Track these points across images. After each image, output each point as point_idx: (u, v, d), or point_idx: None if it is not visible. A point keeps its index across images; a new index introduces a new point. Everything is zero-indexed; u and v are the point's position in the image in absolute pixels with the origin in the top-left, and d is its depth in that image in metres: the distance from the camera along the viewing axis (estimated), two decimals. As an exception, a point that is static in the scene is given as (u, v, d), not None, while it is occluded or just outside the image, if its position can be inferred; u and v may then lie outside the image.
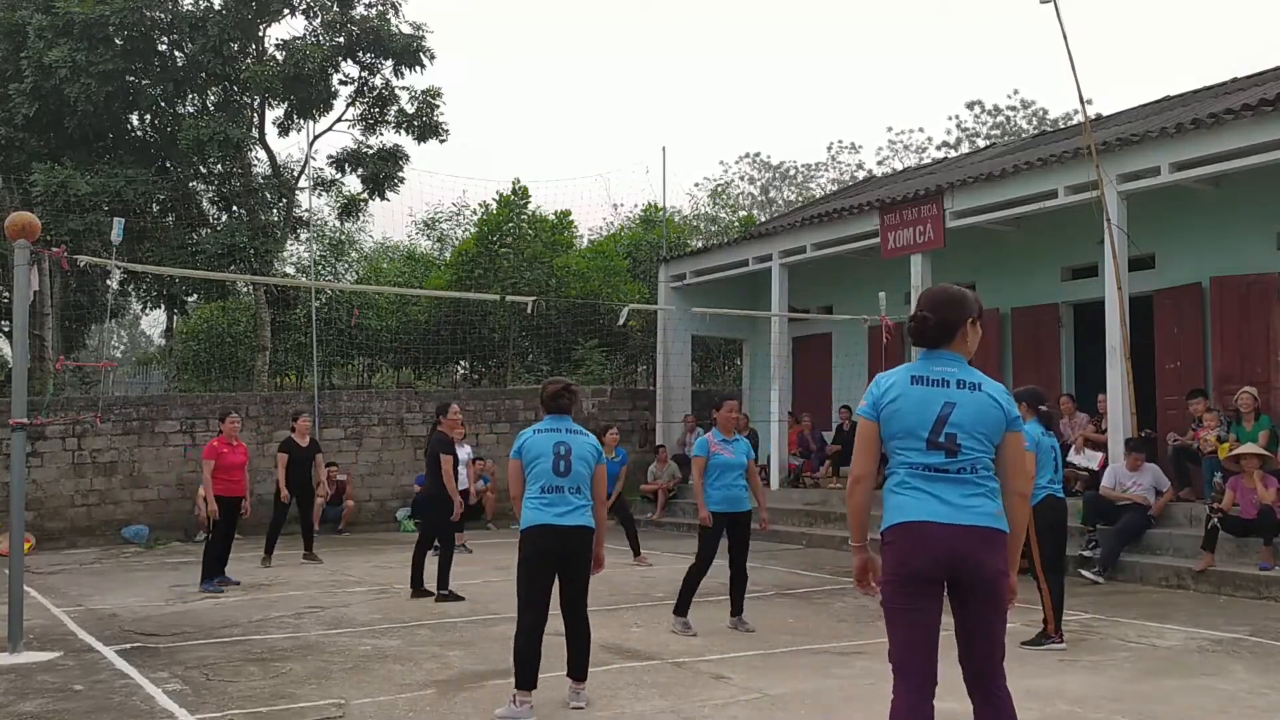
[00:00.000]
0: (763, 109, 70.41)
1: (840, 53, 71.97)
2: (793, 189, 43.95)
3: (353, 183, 21.89)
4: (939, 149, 40.63)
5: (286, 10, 19.82)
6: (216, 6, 19.46)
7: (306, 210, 22.69)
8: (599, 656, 6.75)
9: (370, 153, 20.81)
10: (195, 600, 10.14)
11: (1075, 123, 22.85)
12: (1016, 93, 50.02)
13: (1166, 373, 13.21)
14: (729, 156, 69.93)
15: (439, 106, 20.57)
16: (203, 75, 19.95)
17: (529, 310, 16.47)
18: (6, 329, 21.62)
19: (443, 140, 20.81)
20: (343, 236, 29.91)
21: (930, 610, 3.66)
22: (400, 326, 21.81)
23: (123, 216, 11.17)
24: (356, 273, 29.79)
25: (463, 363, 24.12)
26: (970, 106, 41.93)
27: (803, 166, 45.15)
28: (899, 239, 15.15)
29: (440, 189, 47.92)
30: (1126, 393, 12.14)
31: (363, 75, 20.45)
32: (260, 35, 20.02)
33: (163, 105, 20.51)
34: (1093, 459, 12.34)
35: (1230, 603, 9.34)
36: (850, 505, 3.90)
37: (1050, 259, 14.94)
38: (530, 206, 23.58)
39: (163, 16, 18.88)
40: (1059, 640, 7.42)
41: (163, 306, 24.04)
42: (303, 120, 20.21)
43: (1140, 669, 6.78)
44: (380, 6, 20.20)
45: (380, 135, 20.97)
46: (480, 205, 25.25)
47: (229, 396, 17.89)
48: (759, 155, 48.27)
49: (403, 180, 20.91)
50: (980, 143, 38.18)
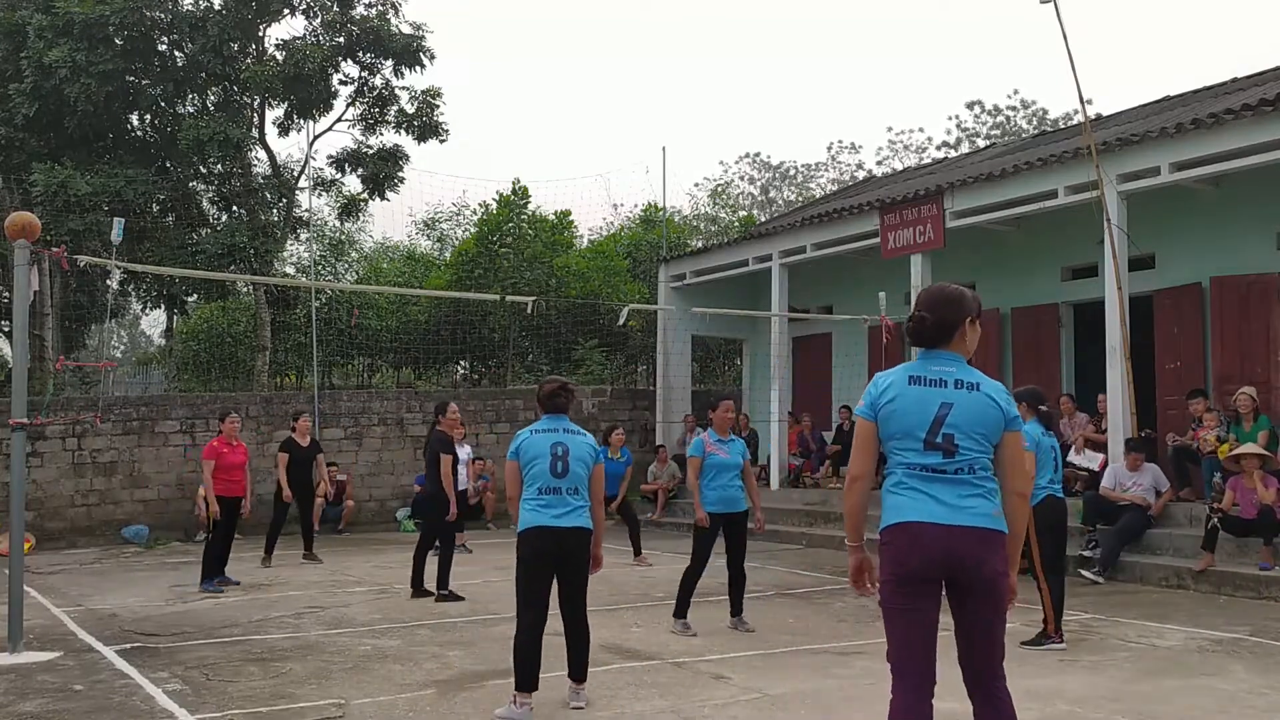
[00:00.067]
0: (763, 109, 70.52)
1: (840, 53, 72.09)
2: (793, 189, 43.94)
3: (353, 183, 21.93)
4: (939, 149, 40.66)
5: (286, 10, 19.82)
6: (216, 6, 19.45)
7: (306, 210, 22.71)
8: (599, 656, 6.75)
9: (370, 153, 20.80)
10: (195, 600, 10.14)
11: (1075, 123, 22.86)
12: (1016, 93, 50.12)
13: (1166, 373, 13.21)
14: (729, 156, 70.07)
15: (439, 106, 20.58)
16: (203, 75, 19.95)
17: (529, 310, 16.47)
18: (7, 329, 21.61)
19: (443, 140, 20.83)
20: (343, 236, 29.88)
21: (928, 610, 3.66)
22: (400, 326, 21.80)
23: (123, 216, 11.17)
24: (356, 273, 29.77)
25: (463, 363, 24.10)
26: (970, 106, 42.00)
27: (803, 166, 45.22)
28: (899, 239, 15.15)
29: (440, 189, 47.95)
30: (1126, 393, 12.13)
31: (363, 75, 20.45)
32: (260, 35, 20.02)
33: (163, 105, 20.51)
34: (1093, 459, 12.33)
35: (1230, 603, 9.34)
36: (847, 505, 3.91)
37: (1050, 259, 14.94)
38: (530, 206, 23.57)
39: (163, 16, 18.87)
40: (1059, 640, 7.42)
41: (163, 306, 24.03)
42: (303, 120, 20.22)
43: (1140, 669, 6.78)
44: (380, 6, 20.20)
45: (380, 135, 21.00)
46: (480, 205, 25.28)
47: (229, 396, 17.88)
48: (759, 155, 48.34)
49: (403, 180, 20.92)
50: (980, 143, 38.17)
